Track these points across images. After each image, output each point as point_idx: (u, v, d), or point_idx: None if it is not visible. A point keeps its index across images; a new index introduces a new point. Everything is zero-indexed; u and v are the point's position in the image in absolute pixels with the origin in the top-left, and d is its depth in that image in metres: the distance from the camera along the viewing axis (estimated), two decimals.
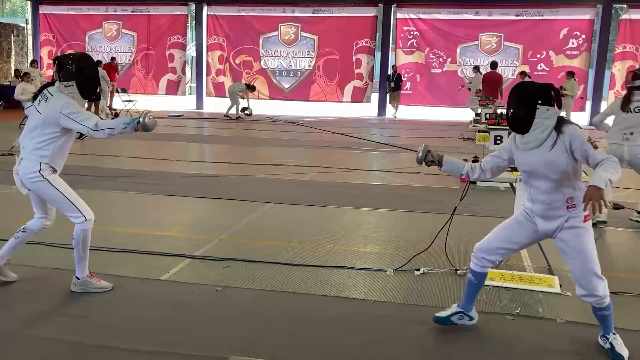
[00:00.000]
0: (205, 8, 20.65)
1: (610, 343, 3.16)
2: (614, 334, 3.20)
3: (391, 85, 18.88)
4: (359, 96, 20.15)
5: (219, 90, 20.81)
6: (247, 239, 5.37)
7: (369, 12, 19.98)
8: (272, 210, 6.49)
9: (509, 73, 18.84)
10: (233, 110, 17.38)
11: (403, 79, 19.37)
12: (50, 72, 21.46)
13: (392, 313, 3.77)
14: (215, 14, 20.74)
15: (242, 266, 4.59)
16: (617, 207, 3.72)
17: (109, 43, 21.60)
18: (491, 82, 15.39)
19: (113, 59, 18.30)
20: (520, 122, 3.10)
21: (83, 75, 3.76)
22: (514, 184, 4.91)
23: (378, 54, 20.47)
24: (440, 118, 19.13)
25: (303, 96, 20.11)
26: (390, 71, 19.43)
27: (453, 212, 4.59)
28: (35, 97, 3.81)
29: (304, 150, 11.28)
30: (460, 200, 4.52)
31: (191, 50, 23.44)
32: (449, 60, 19.65)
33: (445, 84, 19.70)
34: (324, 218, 6.23)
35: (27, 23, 23.19)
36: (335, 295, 4.05)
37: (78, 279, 3.96)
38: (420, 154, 3.48)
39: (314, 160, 9.90)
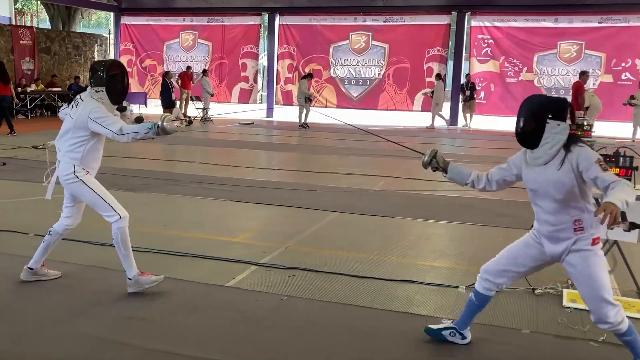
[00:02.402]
0: (277, 18, 20.94)
1: None
2: None
3: (466, 94, 18.42)
4: (430, 105, 19.76)
5: (287, 99, 21.00)
6: (312, 248, 5.28)
7: (442, 20, 19.59)
8: (339, 219, 6.38)
9: (590, 83, 17.92)
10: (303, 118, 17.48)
11: (477, 88, 18.85)
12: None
13: None
14: (287, 23, 20.99)
15: (307, 276, 4.50)
16: (635, 227, 3.42)
17: (185, 52, 22.29)
18: (576, 91, 14.81)
19: (189, 67, 18.84)
20: (528, 136, 2.97)
21: (113, 82, 3.92)
22: (599, 199, 4.56)
23: (450, 63, 20.03)
24: (514, 129, 18.43)
25: (372, 105, 19.93)
26: (463, 80, 18.96)
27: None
28: (69, 102, 3.95)
29: (372, 159, 11.12)
30: None
31: (263, 60, 23.81)
32: (525, 69, 18.93)
33: (520, 93, 18.93)
34: (392, 229, 6.05)
35: (109, 33, 24.33)
36: (403, 310, 3.88)
37: (130, 279, 4.02)
38: (426, 158, 3.36)
39: (383, 169, 9.72)
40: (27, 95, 17.80)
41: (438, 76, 18.33)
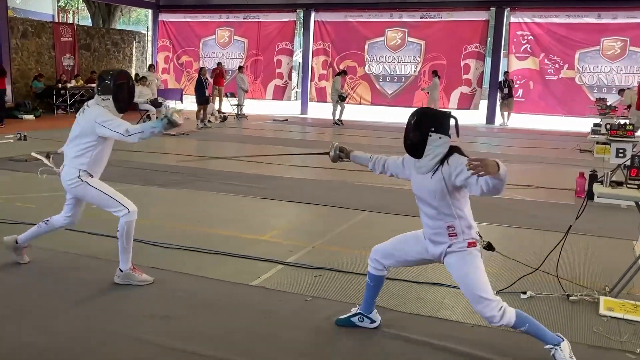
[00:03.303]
0: (313, 14, 20.90)
1: (553, 356, 3.01)
2: (555, 345, 3.02)
3: (504, 91, 18.03)
4: (466, 103, 19.44)
5: (321, 96, 20.94)
6: (340, 248, 5.20)
7: (480, 16, 19.21)
8: (368, 218, 6.29)
9: (634, 80, 17.31)
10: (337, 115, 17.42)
11: (515, 85, 18.44)
12: (165, 77, 22.72)
13: (492, 340, 3.42)
14: (322, 19, 20.92)
15: (333, 276, 4.43)
16: (489, 248, 3.36)
17: (221, 49, 22.46)
18: None
19: (219, 64, 18.86)
20: (413, 146, 3.12)
21: (119, 91, 4.05)
22: (639, 202, 4.35)
23: (488, 60, 19.64)
24: (554, 127, 17.98)
25: (407, 102, 19.68)
26: (501, 77, 18.57)
27: (567, 231, 4.15)
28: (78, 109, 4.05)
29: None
30: (577, 218, 4.09)
31: (298, 57, 23.81)
32: (566, 66, 18.42)
33: (561, 91, 18.50)
34: None
35: (147, 30, 24.71)
36: (431, 315, 3.77)
37: (121, 271, 4.10)
38: (332, 153, 3.70)
39: None
40: (67, 91, 18.23)
41: (434, 72, 18.23)
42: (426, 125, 3.05)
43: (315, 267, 4.58)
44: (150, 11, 23.96)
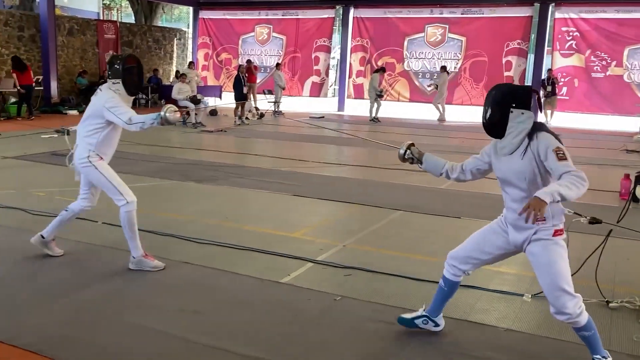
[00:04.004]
0: (352, 10, 20.78)
1: None
2: (604, 357, 2.93)
3: (547, 89, 17.55)
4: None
5: (358, 93, 20.81)
6: (371, 247, 5.14)
7: (524, 12, 18.74)
8: (402, 218, 6.19)
9: None
10: (374, 112, 17.30)
11: (559, 83, 17.93)
12: (204, 74, 22.96)
13: (526, 346, 3.31)
14: (361, 16, 20.78)
15: (363, 276, 4.37)
16: (594, 221, 3.24)
17: (260, 46, 22.57)
18: None
19: (249, 61, 18.89)
20: (493, 125, 2.95)
21: (128, 74, 4.16)
22: None
23: (531, 57, 19.14)
24: (599, 127, 17.41)
25: (446, 99, 19.39)
26: (544, 75, 18.08)
27: (608, 234, 3.98)
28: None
29: (445, 155, 10.69)
30: (619, 220, 3.92)
31: (335, 53, 23.73)
32: (614, 63, 17.77)
33: (608, 89, 17.87)
34: (457, 230, 5.78)
35: (188, 27, 25.04)
36: (463, 318, 3.67)
37: (134, 257, 4.25)
38: (401, 150, 3.43)
39: None
40: None
41: (443, 68, 18.28)
42: (506, 101, 2.89)
43: (345, 266, 4.53)
44: (191, 8, 24.27)
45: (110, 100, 4.06)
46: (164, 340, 3.25)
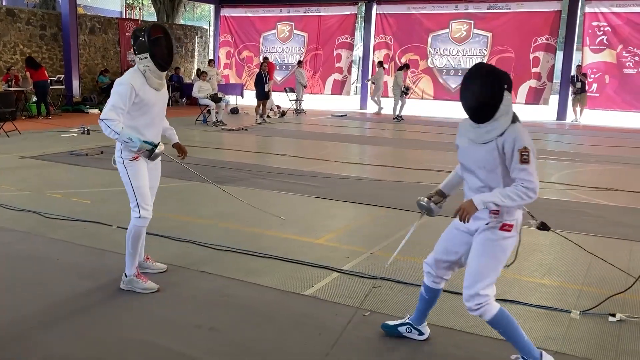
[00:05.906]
0: (374, 7, 20.41)
1: None
2: (525, 358, 2.83)
3: (577, 86, 16.98)
4: (535, 97, 18.48)
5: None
6: (401, 256, 4.78)
7: (552, 6, 18.18)
8: (433, 222, 5.83)
9: None
10: (397, 111, 16.94)
11: (588, 79, 17.35)
12: (226, 72, 22.78)
13: None
14: (384, 12, 20.40)
15: (393, 287, 4.06)
16: (542, 227, 2.95)
17: (282, 44, 22.32)
18: None
19: (265, 59, 18.68)
20: (485, 107, 2.65)
21: (156, 46, 3.64)
22: None
23: (560, 53, 18.57)
24: (632, 125, 16.80)
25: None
26: (573, 71, 17.51)
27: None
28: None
29: None
30: None
31: (358, 50, 23.39)
32: None
33: None
34: None
35: (209, 25, 24.90)
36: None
37: (126, 276, 3.83)
38: (428, 210, 3.30)
39: None
40: None
41: (380, 63, 18.91)
42: (501, 81, 2.64)
43: (373, 276, 4.22)
44: (212, 6, 24.12)
45: (118, 84, 3.57)
46: (177, 359, 2.98)
